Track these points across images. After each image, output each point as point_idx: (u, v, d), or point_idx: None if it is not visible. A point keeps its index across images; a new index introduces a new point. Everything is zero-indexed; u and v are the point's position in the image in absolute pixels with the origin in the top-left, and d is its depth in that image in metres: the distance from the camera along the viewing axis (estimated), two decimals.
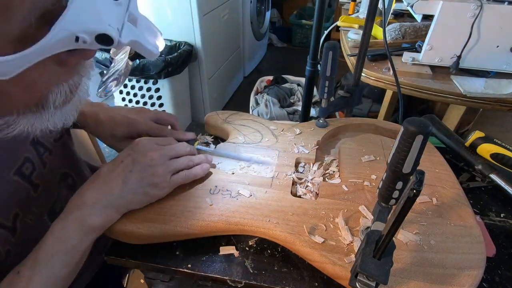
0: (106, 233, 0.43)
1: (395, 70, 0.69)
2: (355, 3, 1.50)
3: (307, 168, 0.53)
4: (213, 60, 1.84)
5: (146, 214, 0.42)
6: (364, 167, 0.52)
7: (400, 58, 0.97)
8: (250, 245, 0.43)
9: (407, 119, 0.29)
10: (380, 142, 0.58)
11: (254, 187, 0.47)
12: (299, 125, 0.61)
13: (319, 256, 0.38)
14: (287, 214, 0.42)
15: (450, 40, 0.87)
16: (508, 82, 0.86)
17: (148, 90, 1.58)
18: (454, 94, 0.84)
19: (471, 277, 0.35)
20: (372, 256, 0.31)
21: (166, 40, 1.63)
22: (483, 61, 0.89)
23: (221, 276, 0.40)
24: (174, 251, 0.43)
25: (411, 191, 0.24)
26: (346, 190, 0.47)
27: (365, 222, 0.42)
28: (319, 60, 0.67)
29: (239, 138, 0.57)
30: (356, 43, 1.12)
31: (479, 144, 0.56)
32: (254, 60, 2.72)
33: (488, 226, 0.48)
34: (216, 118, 0.63)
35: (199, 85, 1.80)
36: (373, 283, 0.31)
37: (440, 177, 0.50)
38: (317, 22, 0.70)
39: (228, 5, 1.93)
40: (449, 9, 0.83)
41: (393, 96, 1.13)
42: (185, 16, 1.55)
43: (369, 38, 0.62)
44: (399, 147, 0.30)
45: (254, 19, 2.40)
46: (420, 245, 0.39)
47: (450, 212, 0.44)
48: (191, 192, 0.46)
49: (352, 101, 0.67)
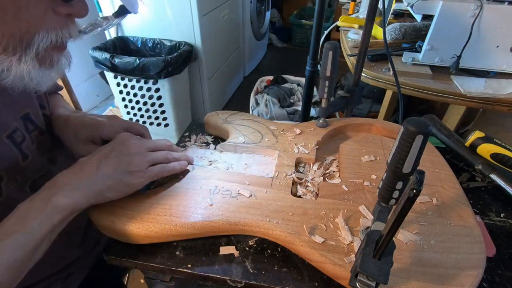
0: (106, 232, 0.43)
1: (395, 70, 0.69)
2: (355, 3, 1.50)
3: (307, 168, 0.53)
4: (213, 60, 1.84)
5: (146, 214, 0.42)
6: (364, 167, 0.52)
7: (400, 58, 0.97)
8: (250, 245, 0.43)
9: (407, 119, 0.29)
10: (380, 142, 0.58)
11: (254, 187, 0.47)
12: (299, 125, 0.61)
13: (319, 256, 0.38)
14: (287, 214, 0.42)
15: (450, 40, 0.87)
16: (508, 82, 0.86)
17: (148, 90, 1.58)
18: (454, 94, 0.84)
19: (471, 277, 0.35)
20: (372, 256, 0.31)
21: (166, 40, 1.63)
22: (483, 61, 0.89)
23: (221, 276, 0.40)
24: (174, 251, 0.43)
25: (411, 191, 0.24)
26: (346, 190, 0.47)
27: (365, 222, 0.42)
28: (319, 60, 0.67)
29: (239, 138, 0.57)
30: (356, 43, 1.12)
31: (479, 144, 0.56)
32: (254, 60, 2.72)
33: (488, 226, 0.48)
34: (216, 118, 0.63)
35: (199, 85, 1.80)
36: (373, 283, 0.31)
37: (440, 177, 0.50)
38: (317, 22, 0.70)
39: (228, 5, 1.93)
40: (449, 9, 0.83)
41: (393, 96, 1.13)
42: (185, 16, 1.55)
43: (369, 38, 0.62)
44: (399, 147, 0.30)
45: (254, 19, 2.40)
46: (420, 245, 0.39)
47: (450, 212, 0.44)
48: (191, 192, 0.46)
49: (352, 101, 0.67)
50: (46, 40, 0.35)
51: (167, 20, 1.60)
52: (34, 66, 0.37)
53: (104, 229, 0.42)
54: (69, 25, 0.37)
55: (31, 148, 0.47)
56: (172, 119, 1.69)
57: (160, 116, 1.70)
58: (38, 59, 0.37)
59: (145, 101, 1.64)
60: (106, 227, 0.42)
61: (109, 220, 0.42)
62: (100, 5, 1.62)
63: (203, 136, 0.64)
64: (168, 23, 1.61)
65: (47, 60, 0.38)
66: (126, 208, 0.43)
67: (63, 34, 0.37)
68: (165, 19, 1.59)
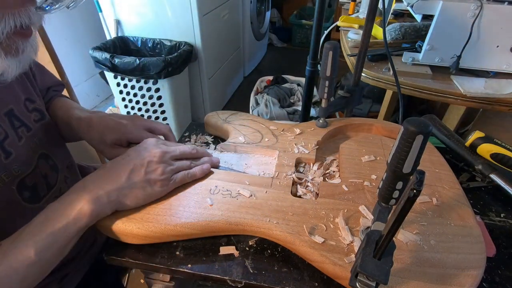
0: (106, 232, 0.43)
1: (395, 70, 0.69)
2: (355, 3, 1.50)
3: (307, 168, 0.53)
4: (213, 60, 1.84)
5: (146, 214, 0.42)
6: (364, 167, 0.52)
7: (400, 58, 0.97)
8: (250, 245, 0.43)
9: (407, 119, 0.29)
10: (380, 142, 0.58)
11: (254, 187, 0.47)
12: (299, 125, 0.61)
13: (319, 256, 0.38)
14: (287, 214, 0.42)
15: (450, 40, 0.87)
16: (508, 82, 0.86)
17: (148, 90, 1.58)
18: (454, 94, 0.84)
19: (471, 277, 0.35)
20: (372, 256, 0.31)
21: (166, 40, 1.63)
22: (483, 61, 0.89)
23: (221, 276, 0.40)
24: (174, 251, 0.43)
25: (411, 191, 0.24)
26: (346, 190, 0.47)
27: (365, 222, 0.42)
28: (319, 60, 0.67)
29: (239, 138, 0.57)
30: (356, 43, 1.12)
31: (479, 144, 0.56)
32: (254, 60, 2.72)
33: (488, 226, 0.48)
34: (216, 118, 0.63)
35: (199, 85, 1.80)
36: (373, 283, 0.31)
37: (440, 177, 0.50)
38: (317, 22, 0.70)
39: (228, 5, 1.93)
40: (449, 9, 0.83)
41: (393, 96, 1.13)
42: (185, 16, 1.55)
43: (369, 38, 0.62)
44: (399, 147, 0.30)
45: (254, 19, 2.40)
46: (420, 245, 0.39)
47: (450, 212, 0.44)
48: (191, 192, 0.46)
49: (352, 101, 0.67)
50: (5, 25, 0.34)
51: (167, 20, 1.60)
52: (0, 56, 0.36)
53: (104, 229, 0.42)
54: (26, 4, 0.35)
55: (16, 145, 0.47)
56: (172, 119, 1.69)
57: (160, 116, 1.70)
58: (3, 47, 0.36)
59: (145, 101, 1.64)
60: (106, 227, 0.42)
61: (109, 220, 0.41)
62: (100, 5, 1.62)
63: (203, 136, 0.64)
64: (168, 23, 1.61)
65: (13, 48, 0.37)
66: None
67: (22, 17, 0.35)
68: (165, 19, 1.59)
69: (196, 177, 0.48)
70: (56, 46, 1.12)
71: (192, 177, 0.47)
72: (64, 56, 1.37)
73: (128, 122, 0.53)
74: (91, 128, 0.53)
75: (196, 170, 0.48)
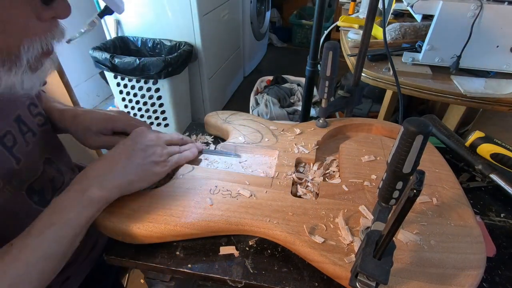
0: (106, 232, 0.43)
1: (395, 70, 0.69)
2: (355, 3, 1.50)
3: (307, 168, 0.53)
4: (213, 60, 1.84)
5: (146, 214, 0.42)
6: (364, 167, 0.52)
7: (400, 58, 0.97)
8: (250, 245, 0.43)
9: (407, 119, 0.29)
10: (380, 142, 0.58)
11: (254, 187, 0.47)
12: (299, 125, 0.61)
13: (319, 256, 0.38)
14: (287, 214, 0.42)
15: (450, 40, 0.87)
16: (508, 82, 0.86)
17: (148, 90, 1.58)
18: (454, 94, 0.84)
19: (471, 277, 0.35)
20: (372, 256, 0.31)
21: (166, 40, 1.63)
22: (483, 61, 0.89)
23: (221, 276, 0.40)
24: (174, 251, 0.43)
25: (411, 191, 0.24)
26: (346, 190, 0.47)
27: (365, 222, 0.42)
28: (319, 60, 0.67)
29: (239, 138, 0.57)
30: (356, 43, 1.12)
31: (479, 144, 0.56)
32: (254, 60, 2.72)
33: (488, 226, 0.48)
34: (216, 118, 0.63)
35: (199, 85, 1.80)
36: (373, 283, 0.31)
37: (440, 177, 0.50)
38: (317, 22, 0.70)
39: (228, 5, 1.93)
40: (449, 9, 0.83)
41: (393, 96, 1.13)
42: (185, 16, 1.55)
43: (369, 38, 0.62)
44: (399, 147, 0.30)
45: (254, 19, 2.40)
46: (420, 245, 0.39)
47: (450, 212, 0.44)
48: (191, 192, 0.46)
49: (352, 101, 0.67)
50: (33, 50, 0.35)
51: (167, 20, 1.60)
52: (27, 74, 0.37)
53: (104, 229, 0.42)
54: (52, 28, 0.37)
55: (24, 150, 0.47)
56: (172, 119, 1.69)
57: (160, 116, 1.70)
58: (30, 68, 0.37)
59: (145, 101, 1.64)
60: (106, 227, 0.42)
61: (109, 220, 0.41)
62: (100, 5, 1.62)
63: (203, 136, 0.64)
64: (168, 23, 1.61)
65: (38, 66, 0.39)
66: (126, 208, 0.43)
67: (48, 40, 0.36)
68: (165, 19, 1.59)
69: (189, 158, 0.52)
70: (56, 46, 1.12)
71: (185, 159, 0.51)
72: (64, 56, 1.37)
73: (116, 114, 0.55)
74: (77, 118, 0.54)
75: (187, 152, 0.52)
